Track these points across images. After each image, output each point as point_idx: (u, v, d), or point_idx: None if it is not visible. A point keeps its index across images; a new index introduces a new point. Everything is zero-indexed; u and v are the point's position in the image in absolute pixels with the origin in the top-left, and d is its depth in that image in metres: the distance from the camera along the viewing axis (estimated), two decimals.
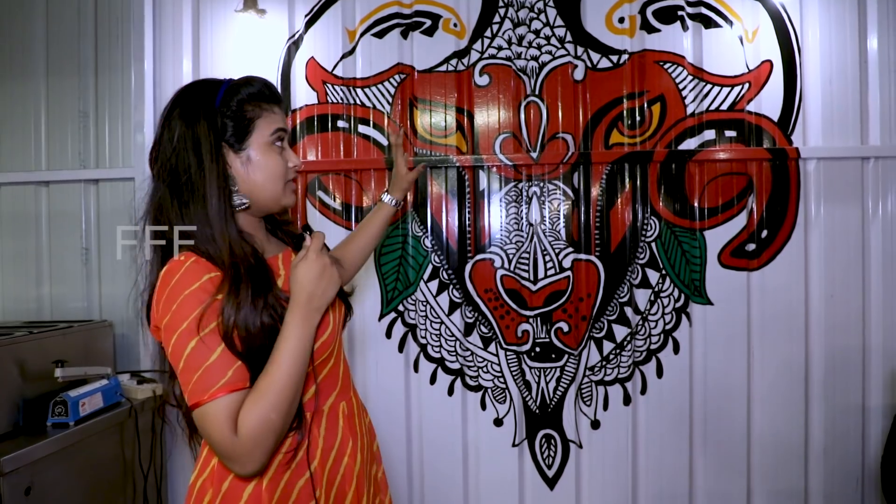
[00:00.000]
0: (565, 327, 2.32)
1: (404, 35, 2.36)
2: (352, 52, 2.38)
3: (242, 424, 0.93)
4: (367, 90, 2.37)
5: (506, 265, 2.33)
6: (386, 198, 1.71)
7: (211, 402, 0.93)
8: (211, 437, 0.94)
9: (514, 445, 2.34)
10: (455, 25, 2.35)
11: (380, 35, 2.37)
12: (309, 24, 2.38)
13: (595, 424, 2.32)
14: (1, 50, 2.49)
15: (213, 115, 1.07)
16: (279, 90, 1.19)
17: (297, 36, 2.38)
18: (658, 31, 2.31)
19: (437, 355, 2.35)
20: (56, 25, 2.47)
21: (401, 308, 2.36)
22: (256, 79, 1.13)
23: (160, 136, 1.10)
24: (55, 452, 1.77)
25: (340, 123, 2.37)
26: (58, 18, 2.47)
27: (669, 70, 2.30)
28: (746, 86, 2.28)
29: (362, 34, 2.37)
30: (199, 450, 1.13)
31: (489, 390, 2.34)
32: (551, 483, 2.32)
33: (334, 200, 2.36)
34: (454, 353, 2.35)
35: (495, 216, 2.34)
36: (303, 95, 2.38)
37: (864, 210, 2.26)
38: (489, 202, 2.34)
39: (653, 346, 2.31)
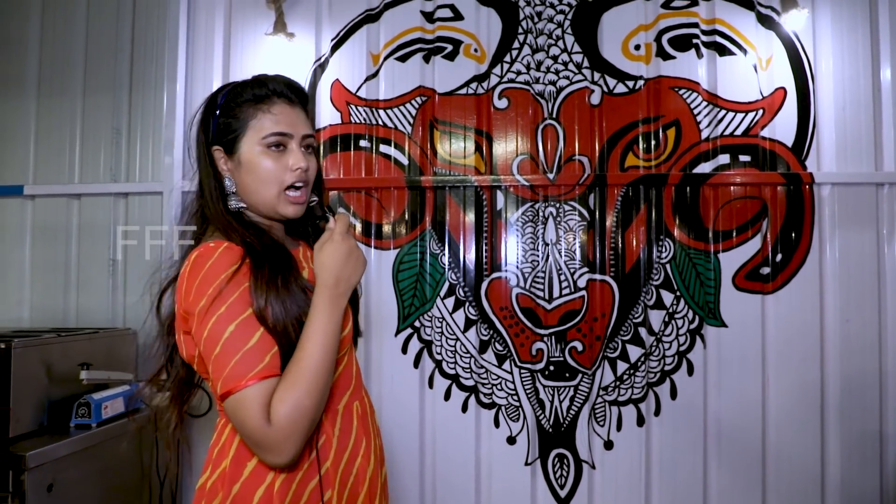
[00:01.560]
0: (579, 346, 2.33)
1: (426, 59, 2.45)
2: (375, 74, 2.46)
3: (276, 412, 0.91)
4: (389, 111, 2.45)
5: (521, 284, 2.36)
6: None
7: (246, 389, 0.91)
8: (244, 425, 0.92)
9: (526, 464, 2.34)
10: (476, 51, 2.44)
11: (403, 59, 2.46)
12: (335, 48, 2.48)
13: (608, 445, 2.32)
14: (42, 68, 2.62)
15: (209, 118, 1.11)
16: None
17: (323, 59, 2.48)
18: (673, 58, 2.37)
19: (452, 372, 2.37)
20: (95, 46, 2.60)
21: (417, 324, 2.40)
22: (268, 79, 1.11)
23: None
24: (77, 452, 1.82)
25: (363, 143, 2.45)
26: (96, 39, 2.60)
27: (684, 96, 2.36)
28: (760, 112, 2.33)
29: (386, 58, 2.46)
30: (208, 451, 1.10)
31: (503, 408, 2.36)
32: (564, 503, 2.31)
33: (355, 218, 2.42)
34: (469, 370, 2.37)
35: (512, 235, 2.38)
36: (327, 115, 2.46)
37: (878, 235, 2.27)
38: (506, 222, 2.38)
39: (667, 367, 2.31)
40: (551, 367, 2.34)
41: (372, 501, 1.13)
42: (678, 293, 2.32)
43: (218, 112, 1.10)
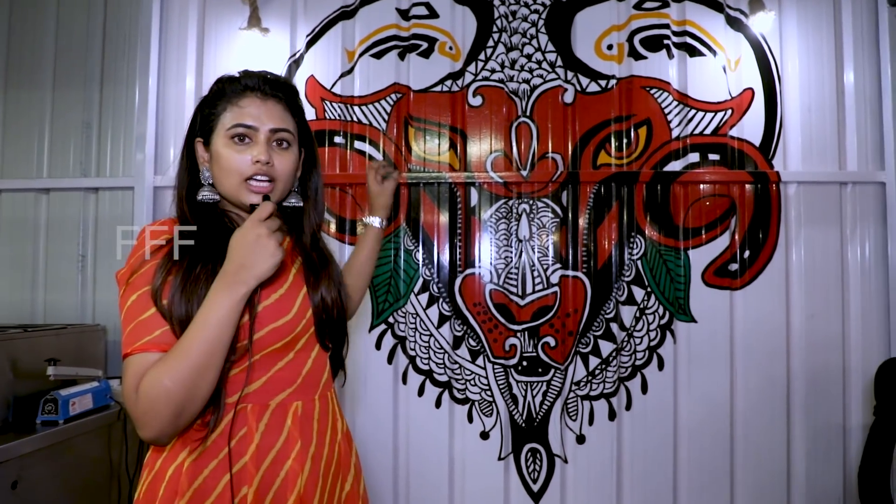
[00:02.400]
0: (552, 342, 2.36)
1: (401, 56, 2.46)
2: (350, 71, 2.47)
3: (141, 385, 0.92)
4: (363, 108, 2.45)
5: (495, 280, 2.38)
6: (368, 219, 1.63)
7: (133, 356, 0.94)
8: (122, 390, 0.95)
9: (500, 459, 2.35)
10: (450, 48, 2.45)
11: (378, 56, 2.46)
12: (310, 44, 2.48)
13: (580, 439, 2.34)
14: (11, 60, 2.57)
15: (196, 110, 1.16)
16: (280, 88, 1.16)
17: (298, 55, 2.48)
18: (645, 58, 2.41)
19: (426, 367, 2.38)
20: (65, 39, 2.56)
21: (391, 320, 2.40)
22: (245, 74, 1.13)
23: None
24: (43, 448, 1.78)
25: (337, 139, 2.45)
26: (67, 32, 2.56)
27: (655, 95, 2.40)
28: (729, 112, 2.38)
29: (361, 54, 2.47)
30: None
31: (476, 403, 2.37)
32: (536, 497, 2.33)
33: (330, 214, 2.41)
34: (442, 366, 2.38)
35: (485, 232, 2.39)
36: None
37: (842, 232, 2.34)
38: (480, 218, 2.40)
39: (638, 362, 2.35)
40: (524, 363, 2.36)
41: None
42: (649, 289, 2.36)
43: (205, 104, 1.14)
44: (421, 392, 2.38)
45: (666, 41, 2.41)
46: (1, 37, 2.57)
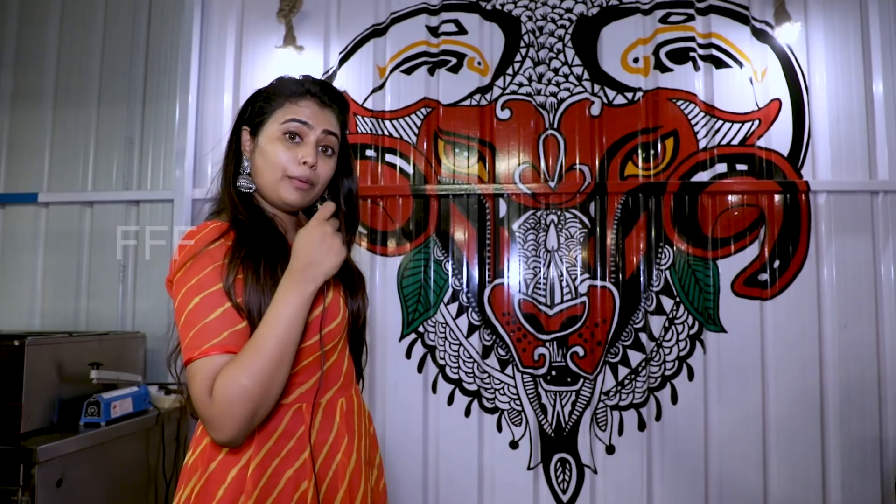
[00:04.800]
0: (581, 352, 2.36)
1: (431, 72, 2.53)
2: (381, 86, 2.54)
3: (215, 387, 0.91)
4: (394, 122, 2.52)
5: (523, 290, 2.41)
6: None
7: (199, 360, 0.93)
8: (192, 395, 0.94)
9: (529, 469, 2.35)
10: (479, 64, 2.51)
11: (408, 72, 2.53)
12: (343, 61, 2.56)
13: (610, 449, 2.34)
14: (59, 80, 2.71)
15: (249, 101, 1.17)
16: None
17: (331, 71, 2.56)
18: (671, 70, 2.44)
19: (455, 377, 2.40)
20: (110, 59, 2.69)
21: (421, 329, 2.43)
22: (308, 79, 1.16)
23: None
24: (86, 449, 1.84)
25: (369, 153, 2.51)
26: (112, 52, 2.69)
27: (682, 107, 2.42)
28: (756, 122, 2.39)
29: (392, 70, 2.54)
30: (195, 428, 1.11)
31: (505, 412, 2.38)
32: None
33: (362, 226, 2.47)
34: (472, 375, 2.40)
35: (514, 243, 2.43)
36: None
37: (874, 241, 2.32)
38: (508, 229, 2.43)
39: (667, 373, 2.34)
40: (553, 372, 2.37)
41: (353, 499, 1.11)
42: (678, 299, 2.36)
43: (260, 97, 1.16)
44: (450, 401, 2.40)
45: (692, 53, 2.44)
46: (50, 58, 2.71)
